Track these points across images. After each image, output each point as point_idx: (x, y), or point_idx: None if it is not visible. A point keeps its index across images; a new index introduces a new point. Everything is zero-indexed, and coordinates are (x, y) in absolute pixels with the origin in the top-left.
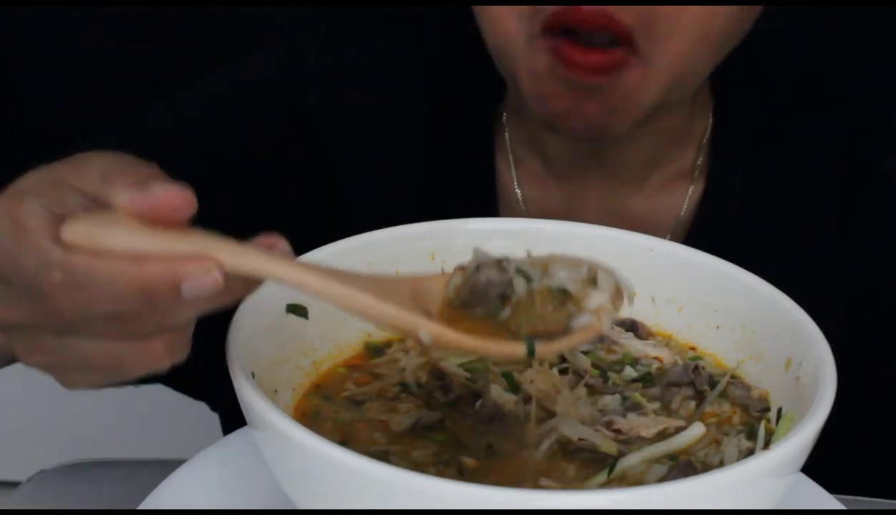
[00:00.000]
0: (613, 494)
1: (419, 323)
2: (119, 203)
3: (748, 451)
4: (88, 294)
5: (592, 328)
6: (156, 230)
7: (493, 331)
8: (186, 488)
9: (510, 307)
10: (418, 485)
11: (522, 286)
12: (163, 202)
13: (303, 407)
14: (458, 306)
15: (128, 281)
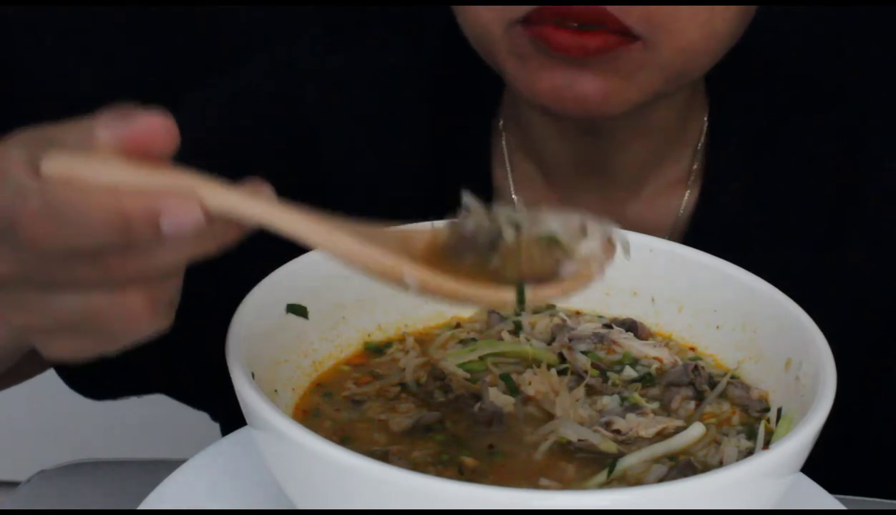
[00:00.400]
0: (613, 494)
1: (404, 267)
2: (99, 136)
3: (748, 451)
4: (65, 224)
5: (584, 275)
6: (137, 166)
7: (483, 280)
8: (186, 488)
9: (499, 255)
10: (418, 485)
11: (511, 234)
12: (142, 129)
13: (303, 405)
14: (445, 254)
15: (105, 212)
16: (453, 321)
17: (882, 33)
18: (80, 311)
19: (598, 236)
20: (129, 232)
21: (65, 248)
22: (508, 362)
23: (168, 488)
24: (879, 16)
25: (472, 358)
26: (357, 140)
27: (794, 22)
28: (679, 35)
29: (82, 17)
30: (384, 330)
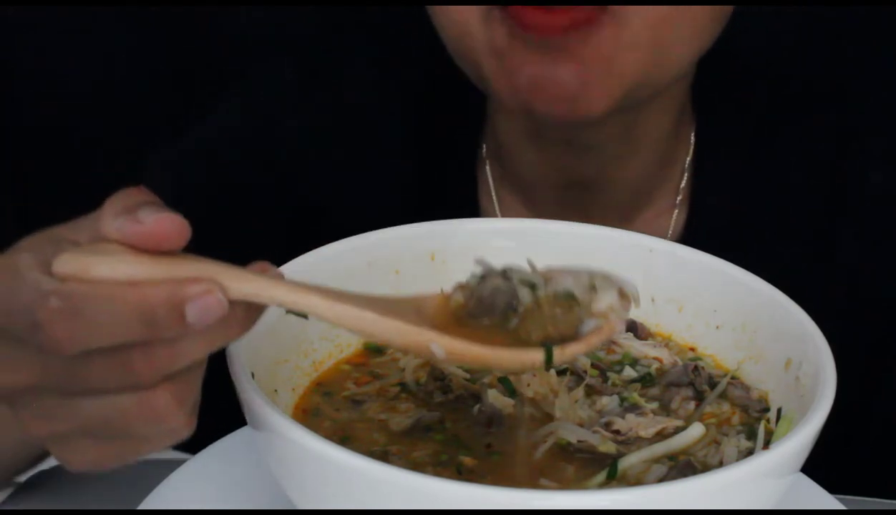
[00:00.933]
0: (613, 494)
1: (431, 336)
2: (108, 231)
3: (748, 451)
4: (87, 322)
5: (606, 329)
6: (151, 258)
7: (503, 340)
8: (186, 488)
9: (517, 316)
10: (418, 485)
11: (527, 294)
12: (154, 230)
13: (303, 405)
14: (464, 318)
15: (127, 305)
16: None
17: (870, 37)
18: (105, 415)
19: (610, 289)
20: (154, 325)
21: (88, 348)
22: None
23: (168, 488)
24: (868, 19)
25: None
26: (339, 178)
27: (782, 25)
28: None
29: (82, 17)
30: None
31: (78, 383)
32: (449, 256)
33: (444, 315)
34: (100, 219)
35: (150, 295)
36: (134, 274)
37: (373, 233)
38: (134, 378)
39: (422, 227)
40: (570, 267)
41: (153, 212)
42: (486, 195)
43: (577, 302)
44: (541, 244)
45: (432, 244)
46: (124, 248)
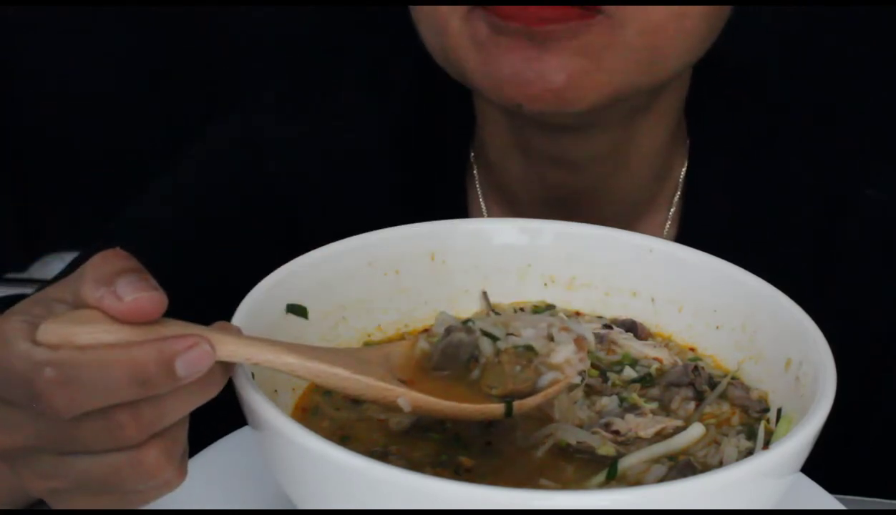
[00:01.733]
0: (613, 494)
1: (398, 391)
2: (89, 301)
3: (748, 451)
4: (81, 386)
5: (563, 382)
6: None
7: (465, 391)
8: (186, 488)
9: (479, 367)
10: (418, 485)
11: (489, 346)
12: (132, 308)
13: (303, 404)
14: (428, 369)
15: (120, 367)
16: None
17: (864, 56)
18: (99, 473)
19: (567, 341)
20: (147, 383)
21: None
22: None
23: None
24: (862, 38)
25: None
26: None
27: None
28: (643, 12)
29: (82, 17)
30: (384, 330)
31: (71, 444)
32: (449, 256)
33: (409, 362)
34: (81, 283)
35: (140, 356)
36: (117, 339)
37: (373, 233)
38: (123, 437)
39: (422, 227)
40: (529, 317)
41: (131, 286)
42: (474, 206)
43: (535, 354)
44: (541, 244)
45: (432, 244)
46: (102, 316)
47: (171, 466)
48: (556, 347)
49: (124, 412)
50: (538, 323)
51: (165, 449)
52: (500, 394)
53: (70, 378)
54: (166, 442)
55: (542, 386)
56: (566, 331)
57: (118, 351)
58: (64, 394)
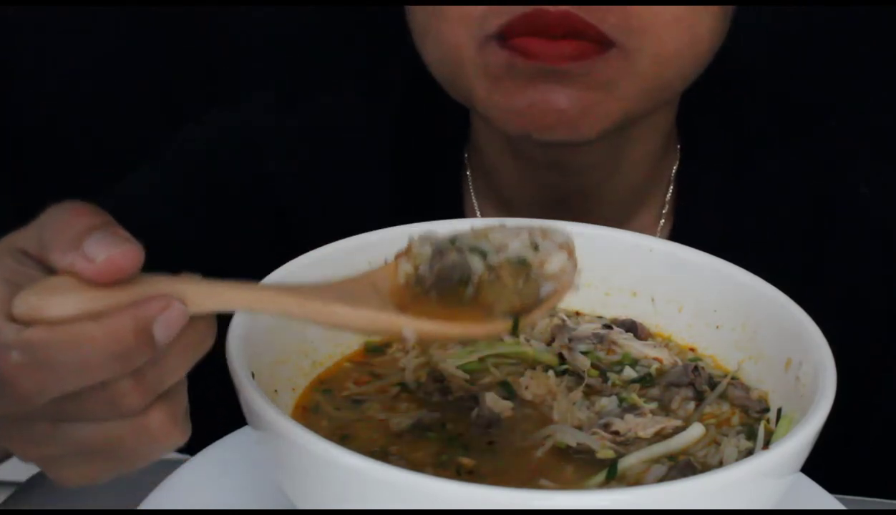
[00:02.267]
0: (613, 494)
1: (402, 321)
2: (60, 266)
3: (747, 451)
4: (53, 371)
5: (561, 290)
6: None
7: (462, 313)
8: (186, 488)
9: (472, 286)
10: (418, 485)
11: (479, 263)
12: (106, 268)
13: (303, 402)
14: (417, 293)
15: (95, 345)
16: None
17: (858, 56)
18: (98, 440)
19: (553, 247)
20: (127, 357)
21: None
22: (508, 363)
23: (168, 488)
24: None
25: (472, 360)
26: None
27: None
28: (659, 41)
29: (82, 17)
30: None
31: (65, 415)
32: None
33: (397, 289)
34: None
35: (117, 327)
36: (95, 307)
37: (372, 233)
38: (125, 406)
39: (421, 227)
40: (507, 229)
41: (101, 244)
42: (468, 207)
43: (529, 267)
44: None
45: None
46: (76, 281)
47: (177, 428)
48: (548, 257)
49: (125, 380)
50: (518, 233)
51: (170, 412)
52: (505, 311)
53: (40, 362)
54: (169, 404)
55: (543, 298)
56: (546, 238)
57: (91, 326)
58: (33, 380)
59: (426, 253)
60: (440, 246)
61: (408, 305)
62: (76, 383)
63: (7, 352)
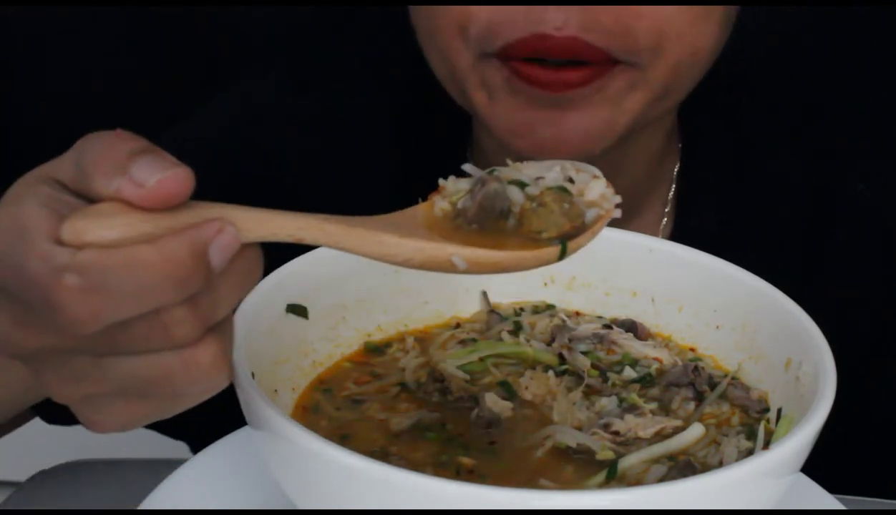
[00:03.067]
0: (613, 494)
1: (452, 250)
2: (105, 193)
3: (747, 452)
4: (108, 296)
5: (606, 215)
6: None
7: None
8: (186, 488)
9: (513, 217)
10: (418, 485)
11: (518, 194)
12: (157, 193)
13: (303, 402)
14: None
15: (153, 269)
16: (453, 321)
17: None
18: (144, 376)
19: (590, 178)
20: (185, 282)
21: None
22: (508, 363)
23: (168, 488)
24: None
25: (472, 360)
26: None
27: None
28: (667, 56)
29: (82, 17)
30: (384, 330)
31: (113, 346)
32: None
33: (436, 222)
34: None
35: (174, 251)
36: (144, 232)
37: None
38: (177, 336)
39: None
40: (540, 163)
41: (150, 168)
42: None
43: (570, 195)
44: None
45: None
46: (124, 207)
47: (227, 365)
48: (586, 185)
49: (179, 308)
50: (551, 167)
51: (220, 346)
52: (551, 237)
53: (94, 285)
54: (219, 339)
55: (589, 223)
56: (579, 171)
57: (147, 249)
58: (88, 306)
59: (463, 187)
60: (480, 178)
61: (451, 237)
62: (131, 309)
63: (60, 276)
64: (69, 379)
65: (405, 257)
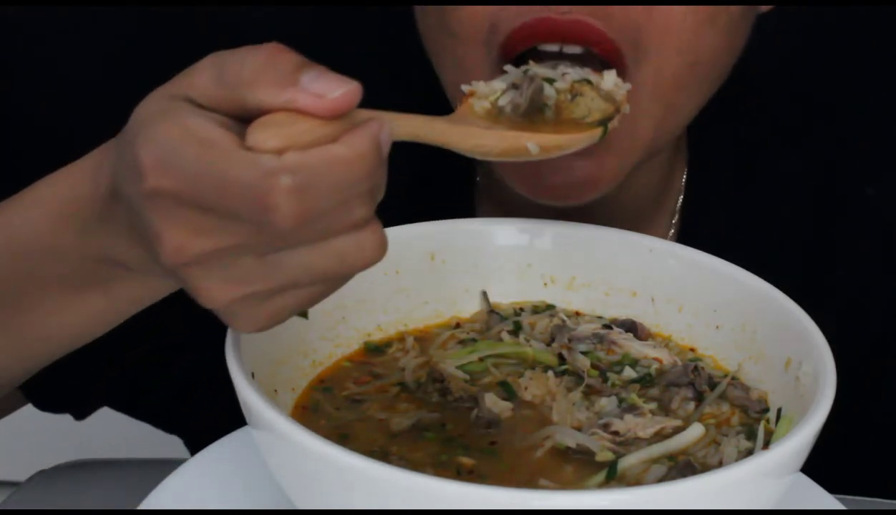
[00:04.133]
0: (613, 494)
1: (525, 136)
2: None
3: (747, 452)
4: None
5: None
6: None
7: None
8: (186, 488)
9: (549, 110)
10: (418, 485)
11: (549, 88)
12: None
13: (303, 401)
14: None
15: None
16: (453, 321)
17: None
18: (319, 263)
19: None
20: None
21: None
22: (508, 363)
23: (168, 488)
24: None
25: (472, 360)
26: None
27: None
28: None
29: (82, 17)
30: (384, 330)
31: (299, 239)
32: (449, 256)
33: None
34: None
35: (361, 148)
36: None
37: None
38: (355, 219)
39: (421, 227)
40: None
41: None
42: None
43: (595, 86)
44: (541, 244)
45: (432, 244)
46: (293, 116)
47: (385, 240)
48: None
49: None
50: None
51: (380, 225)
52: (594, 120)
53: (308, 183)
54: (377, 220)
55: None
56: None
57: (341, 147)
58: (301, 203)
59: (499, 87)
60: (529, 75)
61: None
62: (332, 202)
63: (275, 178)
64: (233, 281)
65: (489, 146)
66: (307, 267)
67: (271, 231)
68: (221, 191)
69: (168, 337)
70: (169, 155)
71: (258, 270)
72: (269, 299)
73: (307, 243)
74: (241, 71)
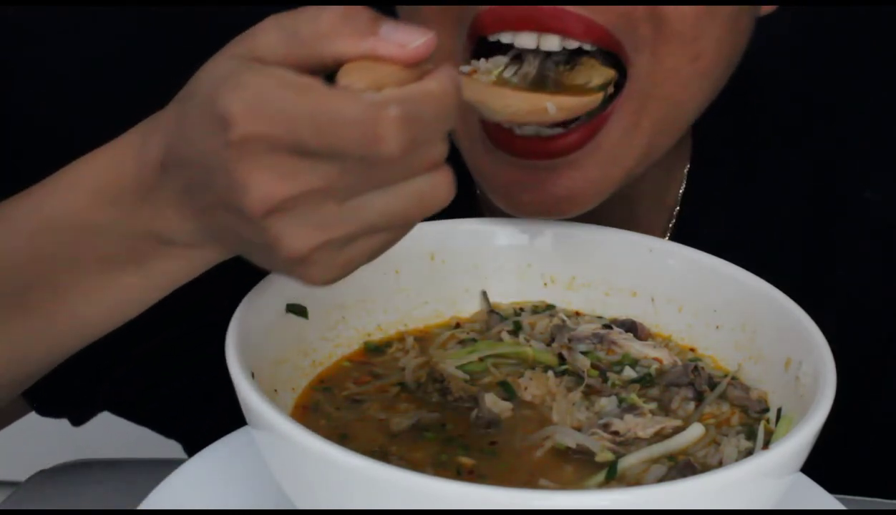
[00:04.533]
0: (613, 494)
1: (545, 96)
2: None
3: (747, 451)
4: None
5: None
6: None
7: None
8: (186, 488)
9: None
10: (418, 485)
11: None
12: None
13: (303, 401)
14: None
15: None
16: (453, 321)
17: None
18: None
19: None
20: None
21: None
22: (508, 363)
23: (168, 488)
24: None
25: (472, 360)
26: None
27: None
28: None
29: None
30: (384, 330)
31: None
32: (449, 256)
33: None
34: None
35: (447, 86)
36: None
37: None
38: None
39: (421, 228)
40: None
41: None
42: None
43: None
44: (541, 244)
45: (432, 244)
46: (372, 63)
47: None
48: None
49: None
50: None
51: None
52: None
53: (414, 114)
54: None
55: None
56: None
57: (433, 84)
58: (408, 132)
59: (503, 61)
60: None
61: None
62: (431, 134)
63: (383, 109)
64: (316, 226)
65: (517, 106)
66: (385, 210)
67: (376, 164)
68: (325, 129)
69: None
70: (262, 101)
71: (339, 215)
72: (346, 246)
73: (389, 185)
74: (317, 25)
